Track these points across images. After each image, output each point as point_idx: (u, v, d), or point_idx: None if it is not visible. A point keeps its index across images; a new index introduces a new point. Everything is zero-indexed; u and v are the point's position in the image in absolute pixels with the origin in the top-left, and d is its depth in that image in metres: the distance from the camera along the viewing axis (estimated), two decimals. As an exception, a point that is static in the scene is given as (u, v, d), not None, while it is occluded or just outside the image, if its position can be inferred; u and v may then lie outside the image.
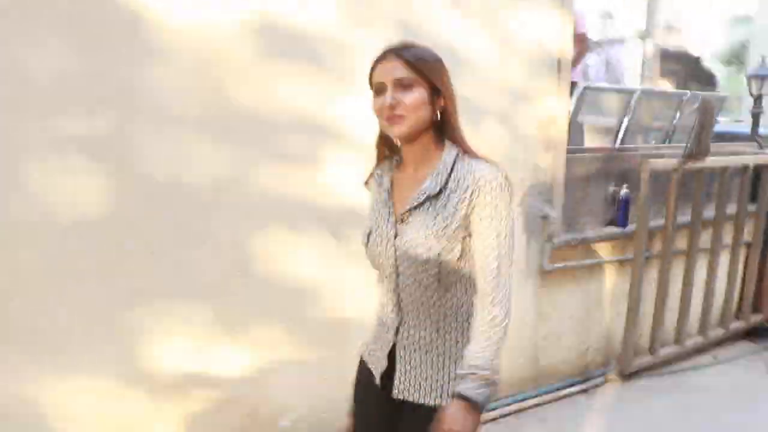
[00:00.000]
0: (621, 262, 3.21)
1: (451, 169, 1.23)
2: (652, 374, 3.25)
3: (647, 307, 3.23)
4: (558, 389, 3.00)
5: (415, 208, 1.25)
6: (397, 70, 1.20)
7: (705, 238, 3.38)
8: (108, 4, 1.74)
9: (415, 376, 1.28)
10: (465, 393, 1.16)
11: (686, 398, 3.01)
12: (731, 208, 3.45)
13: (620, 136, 3.50)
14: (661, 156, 3.20)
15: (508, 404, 2.81)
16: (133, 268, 1.84)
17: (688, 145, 3.13)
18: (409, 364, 1.29)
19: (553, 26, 2.71)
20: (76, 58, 1.71)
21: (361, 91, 1.36)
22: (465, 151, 1.26)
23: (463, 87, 2.51)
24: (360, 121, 2.22)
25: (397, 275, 1.28)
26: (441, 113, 1.25)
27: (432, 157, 1.27)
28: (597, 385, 3.11)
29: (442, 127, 1.27)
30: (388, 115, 1.21)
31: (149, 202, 1.85)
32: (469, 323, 1.27)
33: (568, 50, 2.79)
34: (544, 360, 3.00)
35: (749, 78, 4.06)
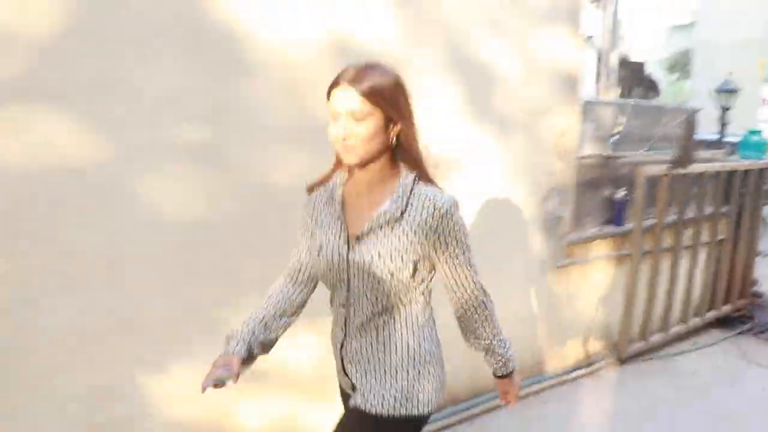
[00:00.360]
0: (618, 258, 3.57)
1: (410, 194, 1.26)
2: (643, 359, 3.62)
3: (638, 298, 3.60)
4: (567, 372, 3.33)
5: (373, 228, 1.27)
6: (351, 101, 1.21)
7: (687, 236, 3.79)
8: (210, 30, 1.91)
9: (363, 389, 1.35)
10: (512, 368, 1.47)
11: (677, 380, 3.40)
12: (708, 210, 3.88)
13: (612, 144, 3.87)
14: (653, 163, 3.59)
15: (528, 385, 3.11)
16: (234, 267, 2.02)
17: (675, 153, 3.53)
18: (356, 377, 1.36)
19: (567, 48, 3.02)
20: (182, 76, 1.88)
21: (417, 103, 1.52)
22: (423, 174, 1.29)
23: (495, 102, 2.81)
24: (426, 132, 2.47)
25: (348, 290, 1.32)
26: (397, 138, 1.27)
27: (386, 180, 1.30)
28: (599, 369, 3.45)
29: (397, 151, 1.29)
30: (341, 144, 1.24)
31: (245, 205, 2.04)
32: (412, 335, 1.34)
33: (580, 69, 3.12)
34: (557, 346, 3.32)
35: (718, 92, 4.54)
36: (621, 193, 3.54)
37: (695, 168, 3.64)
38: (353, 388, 1.39)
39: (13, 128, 1.64)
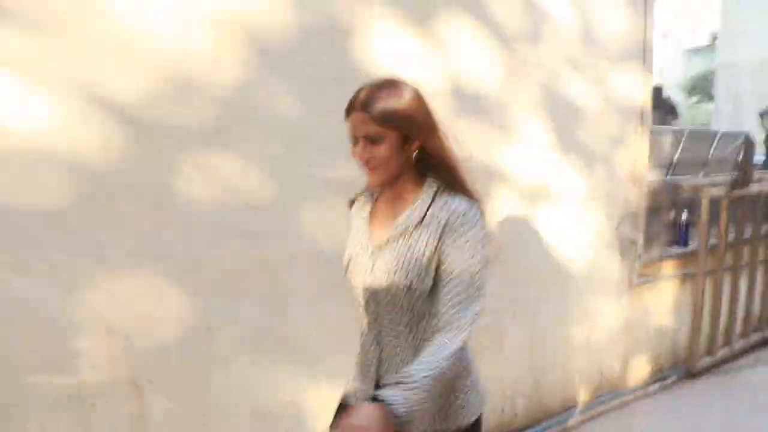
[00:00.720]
0: (683, 277, 3.77)
1: (431, 203, 1.26)
2: (712, 373, 3.79)
3: (704, 315, 3.79)
4: (643, 387, 3.51)
5: (391, 239, 1.28)
6: (365, 125, 1.23)
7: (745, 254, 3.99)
8: (352, 73, 2.19)
9: None
10: (387, 398, 1.07)
11: (747, 392, 3.56)
12: (765, 229, 4.08)
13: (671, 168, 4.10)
14: (712, 185, 3.81)
15: (608, 400, 3.30)
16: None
17: (734, 175, 3.75)
18: None
19: (637, 83, 3.28)
20: (336, 115, 2.15)
21: (517, 140, 1.65)
22: (453, 182, 1.27)
23: (577, 134, 3.05)
24: (517, 164, 2.73)
25: (376, 304, 1.31)
26: (422, 151, 1.27)
27: (411, 192, 1.30)
28: (671, 383, 3.63)
29: (424, 164, 1.29)
30: (363, 166, 1.27)
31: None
32: None
33: (648, 102, 3.37)
34: (633, 361, 3.51)
35: (761, 115, 4.77)
36: (684, 215, 3.75)
37: (753, 189, 3.85)
38: None
39: (198, 169, 1.91)
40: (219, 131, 1.93)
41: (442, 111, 2.42)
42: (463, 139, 2.48)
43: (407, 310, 1.27)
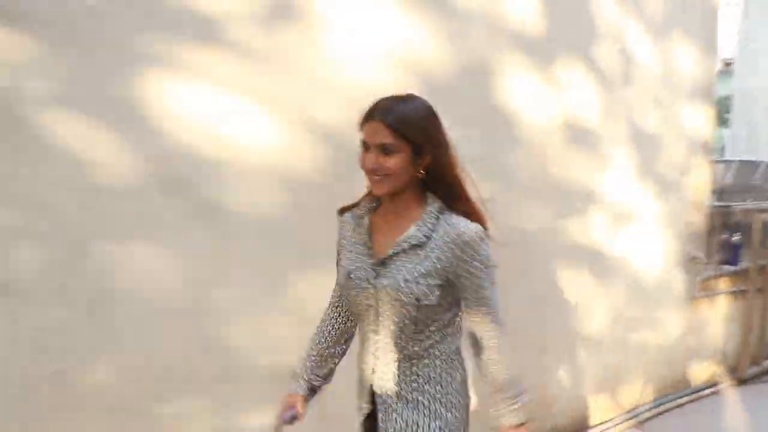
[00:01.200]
0: (735, 293, 4.16)
1: (436, 221, 1.28)
2: (759, 381, 4.18)
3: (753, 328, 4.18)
4: (699, 389, 3.89)
5: (398, 253, 1.29)
6: (380, 134, 1.24)
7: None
8: (492, 110, 2.61)
9: (395, 418, 1.34)
10: (518, 419, 1.34)
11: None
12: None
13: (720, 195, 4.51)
14: (761, 210, 4.22)
15: (673, 399, 3.68)
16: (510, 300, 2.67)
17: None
18: (385, 404, 1.35)
19: (702, 117, 3.70)
20: (479, 143, 2.54)
21: (609, 167, 1.98)
22: (458, 201, 1.31)
23: (654, 164, 3.46)
24: (608, 188, 3.14)
25: (377, 315, 1.32)
26: (426, 169, 1.28)
27: (413, 207, 1.31)
28: (723, 388, 4.01)
29: (427, 181, 1.31)
30: (370, 176, 1.28)
31: (516, 250, 2.69)
32: (442, 364, 1.34)
33: (711, 135, 3.79)
34: (692, 366, 3.90)
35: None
36: (736, 237, 4.15)
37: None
38: (383, 419, 1.37)
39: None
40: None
41: (556, 140, 2.85)
42: (568, 164, 2.91)
43: (411, 321, 1.29)
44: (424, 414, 1.33)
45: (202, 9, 1.84)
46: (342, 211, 1.45)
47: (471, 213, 1.31)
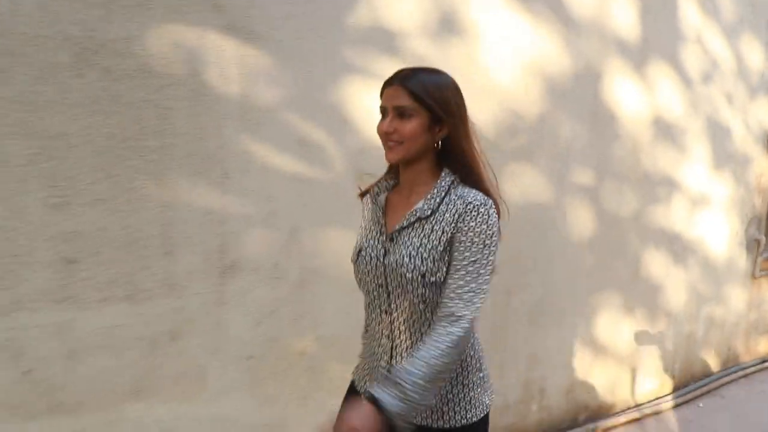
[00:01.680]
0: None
1: (445, 194, 1.23)
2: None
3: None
4: (758, 363, 4.21)
5: (405, 228, 1.25)
6: (399, 98, 1.20)
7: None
8: (604, 109, 2.89)
9: None
10: (382, 400, 1.09)
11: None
12: None
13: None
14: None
15: (735, 371, 4.00)
16: (609, 276, 2.98)
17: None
18: None
19: (766, 111, 3.98)
20: (587, 138, 2.85)
21: (689, 157, 2.20)
22: (471, 175, 1.25)
23: (725, 152, 3.74)
24: (688, 176, 3.44)
25: (388, 295, 1.27)
26: (443, 141, 1.25)
27: (427, 182, 1.27)
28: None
29: (443, 154, 1.27)
30: (385, 140, 1.23)
31: (609, 230, 3.00)
32: None
33: (773, 126, 4.08)
34: (751, 341, 4.22)
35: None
36: (791, 221, 4.45)
37: None
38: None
39: (511, 176, 2.61)
40: (525, 149, 2.64)
41: (646, 134, 3.13)
42: (656, 156, 3.19)
43: (420, 300, 1.23)
44: (444, 395, 1.27)
45: (388, 26, 2.13)
46: (362, 194, 1.41)
47: (485, 191, 1.25)
